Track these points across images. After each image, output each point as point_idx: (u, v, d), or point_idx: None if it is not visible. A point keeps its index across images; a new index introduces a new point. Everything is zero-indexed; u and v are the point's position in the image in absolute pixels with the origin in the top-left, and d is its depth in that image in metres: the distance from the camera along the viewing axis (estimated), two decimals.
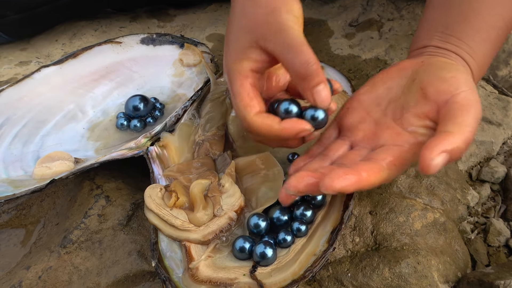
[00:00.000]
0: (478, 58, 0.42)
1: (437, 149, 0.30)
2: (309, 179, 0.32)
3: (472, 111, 0.33)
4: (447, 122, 0.33)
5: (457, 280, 0.44)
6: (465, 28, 0.42)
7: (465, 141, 0.32)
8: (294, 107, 0.38)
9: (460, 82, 0.35)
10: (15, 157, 0.52)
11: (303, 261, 0.35)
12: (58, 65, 0.59)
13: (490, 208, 0.54)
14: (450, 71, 0.37)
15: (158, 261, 0.37)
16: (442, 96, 0.35)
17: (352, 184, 0.30)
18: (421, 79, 0.38)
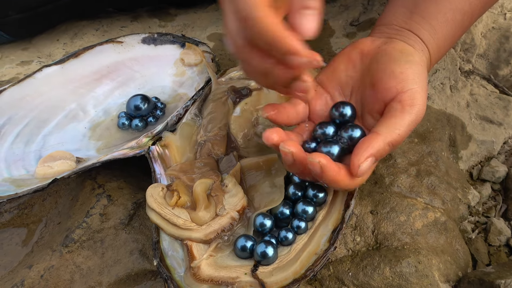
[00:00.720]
0: (439, 39, 0.42)
1: (364, 156, 0.33)
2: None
3: (412, 112, 0.35)
4: (381, 122, 0.35)
5: (458, 279, 0.44)
6: (430, 7, 0.42)
7: (390, 143, 0.34)
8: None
9: (409, 79, 0.36)
10: (17, 157, 0.52)
11: (304, 260, 0.36)
12: (59, 65, 0.59)
13: (491, 207, 0.54)
14: (401, 64, 0.37)
15: (160, 260, 0.38)
16: (388, 94, 0.36)
17: (332, 171, 0.33)
18: (374, 71, 0.38)
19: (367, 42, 0.41)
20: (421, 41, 0.41)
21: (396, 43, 0.40)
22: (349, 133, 0.37)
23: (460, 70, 0.64)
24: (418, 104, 0.35)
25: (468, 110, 0.60)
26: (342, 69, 0.41)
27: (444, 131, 0.56)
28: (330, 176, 0.33)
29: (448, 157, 0.55)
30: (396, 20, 0.43)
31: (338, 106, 0.40)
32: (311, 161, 0.32)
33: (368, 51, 0.40)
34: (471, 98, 0.61)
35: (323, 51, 0.70)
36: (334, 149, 0.37)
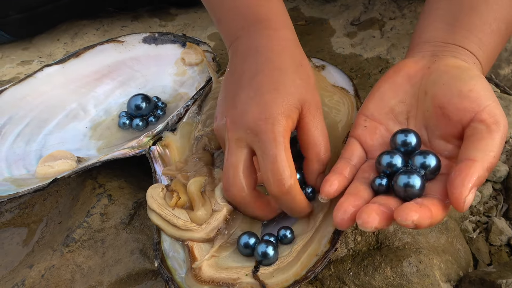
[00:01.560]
0: (487, 51, 0.40)
1: (467, 187, 0.30)
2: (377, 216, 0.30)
3: (500, 129, 0.32)
4: (471, 147, 0.32)
5: (459, 279, 0.44)
6: (474, 19, 0.39)
7: (488, 168, 0.31)
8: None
9: (481, 96, 0.34)
10: (18, 156, 0.52)
11: (305, 261, 0.36)
12: (60, 64, 0.59)
13: (492, 207, 0.54)
14: (466, 81, 0.34)
15: (161, 261, 0.38)
16: (465, 115, 0.33)
17: (427, 218, 0.29)
18: (435, 94, 0.36)
19: (410, 64, 0.39)
20: (471, 54, 0.39)
21: (447, 59, 0.38)
22: (423, 161, 0.33)
23: None
24: (501, 120, 0.33)
25: None
26: (390, 96, 0.39)
27: None
28: (425, 225, 0.30)
29: None
30: (437, 36, 0.40)
31: (400, 133, 0.36)
32: (404, 224, 0.29)
33: (415, 73, 0.38)
34: None
35: (324, 50, 0.70)
36: (414, 181, 0.32)
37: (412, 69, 0.39)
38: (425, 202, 0.31)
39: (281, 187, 0.35)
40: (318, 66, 0.56)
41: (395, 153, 0.35)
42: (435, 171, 0.34)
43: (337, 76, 0.54)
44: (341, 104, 0.51)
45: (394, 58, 0.67)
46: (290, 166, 0.36)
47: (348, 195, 0.34)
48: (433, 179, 0.34)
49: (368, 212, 0.30)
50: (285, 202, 0.37)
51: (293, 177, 0.36)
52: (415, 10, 0.73)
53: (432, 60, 0.38)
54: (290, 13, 0.47)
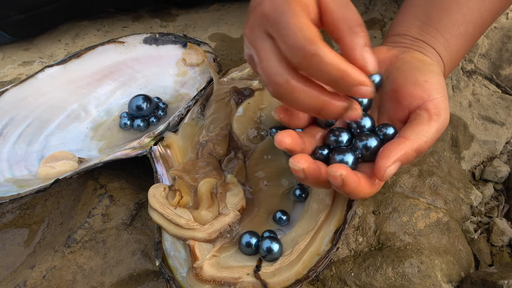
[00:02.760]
0: (452, 52, 0.43)
1: (391, 159, 0.32)
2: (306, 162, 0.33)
3: (439, 121, 0.35)
4: (408, 128, 0.35)
5: (461, 279, 0.44)
6: (444, 20, 0.42)
7: (416, 149, 0.33)
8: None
9: (433, 88, 0.36)
10: (20, 157, 0.52)
11: (306, 261, 0.36)
12: (61, 65, 0.59)
13: (493, 207, 0.54)
14: (424, 73, 0.37)
15: (162, 261, 0.38)
16: (414, 101, 0.36)
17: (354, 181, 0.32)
18: (394, 79, 0.38)
19: (382, 50, 0.41)
20: (436, 53, 0.42)
21: (415, 53, 0.40)
22: (365, 142, 0.36)
23: (462, 70, 0.64)
24: (443, 114, 0.35)
25: (470, 110, 0.60)
26: None
27: (446, 131, 0.56)
28: (351, 187, 0.31)
29: (450, 157, 0.55)
30: (410, 31, 0.43)
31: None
32: (333, 175, 0.31)
33: (384, 59, 0.40)
34: (473, 98, 0.61)
35: None
36: (348, 158, 0.35)
37: (383, 55, 0.41)
38: (357, 173, 0.33)
39: (304, 49, 0.29)
40: None
41: (343, 131, 0.38)
42: (375, 153, 0.35)
43: None
44: None
45: None
46: (309, 26, 0.30)
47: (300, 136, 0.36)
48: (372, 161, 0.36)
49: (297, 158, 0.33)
50: (316, 66, 0.30)
51: (317, 36, 0.29)
52: None
53: (402, 51, 0.41)
54: None
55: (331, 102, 0.32)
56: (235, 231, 0.40)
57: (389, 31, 0.45)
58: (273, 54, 0.32)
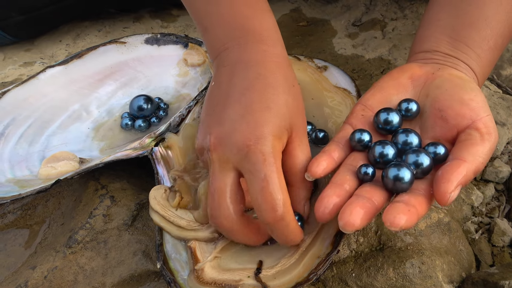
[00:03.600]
0: (484, 67, 0.42)
1: (453, 183, 0.31)
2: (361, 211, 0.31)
3: (491, 140, 0.34)
4: (463, 149, 0.33)
5: (462, 280, 0.44)
6: (474, 35, 0.41)
7: (474, 171, 0.32)
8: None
9: (480, 107, 0.35)
10: (21, 157, 0.52)
11: (307, 263, 0.36)
12: (63, 66, 0.59)
13: (495, 208, 0.54)
14: (467, 91, 0.36)
15: (163, 263, 0.38)
16: (463, 121, 0.35)
17: (413, 221, 0.30)
18: (437, 97, 0.37)
19: (415, 67, 0.40)
20: (470, 69, 0.41)
21: (451, 70, 0.39)
22: (416, 159, 0.33)
23: None
24: (494, 133, 0.34)
25: None
26: (392, 92, 0.39)
27: None
28: (412, 226, 0.30)
29: None
30: (439, 47, 0.42)
31: (382, 112, 0.37)
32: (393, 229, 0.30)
33: (419, 76, 0.39)
34: None
35: (325, 51, 0.70)
36: (404, 174, 0.32)
37: (416, 72, 0.40)
38: (411, 200, 0.31)
39: (273, 213, 0.33)
40: (320, 67, 0.56)
41: (388, 144, 0.35)
42: (427, 172, 0.34)
43: (339, 77, 0.55)
44: (343, 105, 0.51)
45: (395, 58, 0.67)
46: (282, 189, 0.33)
47: (332, 185, 0.34)
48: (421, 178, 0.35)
49: (350, 211, 0.31)
50: (278, 229, 0.34)
51: (287, 202, 0.33)
52: (416, 11, 0.73)
53: (437, 68, 0.40)
54: (292, 14, 0.47)
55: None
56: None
57: (415, 47, 0.44)
58: (229, 192, 0.35)
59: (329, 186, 0.34)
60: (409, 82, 0.39)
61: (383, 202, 0.33)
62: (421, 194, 0.32)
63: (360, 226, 0.30)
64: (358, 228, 0.30)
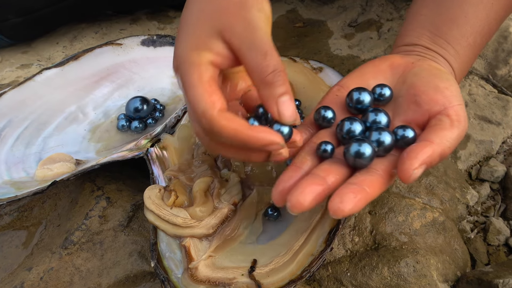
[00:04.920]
0: (462, 63, 0.43)
1: (418, 160, 0.31)
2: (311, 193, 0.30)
3: (460, 127, 0.35)
4: (431, 132, 0.34)
5: (457, 279, 0.44)
6: (454, 32, 0.42)
7: (441, 154, 0.33)
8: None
9: (454, 95, 0.36)
10: (17, 159, 0.53)
11: (300, 261, 0.36)
12: (59, 67, 0.59)
13: (490, 207, 0.54)
14: (443, 80, 0.37)
15: (157, 262, 0.38)
16: (435, 106, 0.36)
17: (361, 204, 0.30)
18: (413, 84, 0.38)
19: (396, 57, 0.42)
20: (448, 64, 0.42)
21: (430, 62, 0.41)
22: (378, 136, 0.34)
23: None
24: (463, 121, 0.35)
25: (467, 110, 0.60)
26: (370, 77, 0.40)
27: None
28: (360, 209, 0.30)
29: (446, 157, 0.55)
30: (420, 41, 0.43)
31: (355, 91, 0.37)
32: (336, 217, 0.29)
33: (399, 64, 0.40)
34: (470, 98, 0.61)
35: (321, 52, 0.70)
36: (364, 149, 0.32)
37: (397, 61, 0.41)
38: (363, 181, 0.31)
39: (203, 124, 0.32)
40: (315, 68, 0.56)
41: (356, 120, 0.36)
42: (389, 149, 0.34)
43: (335, 78, 0.55)
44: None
45: None
46: (203, 97, 0.31)
47: (291, 167, 0.34)
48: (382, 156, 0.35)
49: (298, 193, 0.30)
50: (217, 139, 0.32)
51: (211, 107, 0.31)
52: None
53: (417, 58, 0.41)
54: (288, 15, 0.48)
55: (251, 155, 0.34)
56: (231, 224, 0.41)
57: (398, 41, 0.45)
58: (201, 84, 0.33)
59: (288, 169, 0.34)
60: (388, 69, 0.41)
61: (338, 181, 0.32)
62: (378, 174, 0.32)
63: (309, 207, 0.30)
64: (307, 209, 0.30)
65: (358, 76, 0.41)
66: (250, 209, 0.43)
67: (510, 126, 0.59)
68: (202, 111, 0.31)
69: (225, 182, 0.44)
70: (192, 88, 0.32)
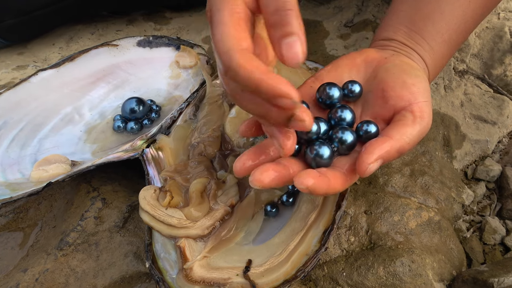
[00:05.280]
0: (436, 59, 0.43)
1: (374, 155, 0.32)
2: (273, 173, 0.31)
3: (422, 124, 0.35)
4: (393, 128, 0.35)
5: (452, 278, 0.44)
6: (429, 28, 0.43)
7: (399, 149, 0.34)
8: None
9: (420, 92, 0.37)
10: (13, 160, 0.52)
11: (295, 261, 0.36)
12: (55, 69, 0.59)
13: (486, 206, 0.54)
14: (411, 76, 0.38)
15: (152, 262, 0.38)
16: (400, 102, 0.37)
17: (323, 186, 0.31)
18: (383, 79, 0.39)
19: (372, 51, 0.42)
20: (422, 59, 0.43)
21: (403, 57, 0.41)
22: (341, 136, 0.35)
23: (454, 70, 0.64)
24: (427, 118, 0.36)
25: (462, 109, 0.60)
26: (345, 70, 0.41)
27: (438, 131, 0.56)
28: (321, 191, 0.31)
29: (442, 157, 0.55)
30: (396, 36, 0.44)
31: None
32: (300, 187, 0.31)
33: (373, 59, 0.41)
34: (465, 98, 0.61)
35: (317, 53, 0.70)
36: (323, 151, 0.34)
37: (372, 56, 0.41)
38: (328, 172, 0.33)
39: (223, 63, 0.29)
40: (311, 68, 0.56)
41: (321, 121, 0.37)
42: (351, 148, 0.36)
43: None
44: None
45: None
46: (228, 36, 0.29)
47: (258, 147, 0.35)
48: (346, 155, 0.36)
49: (261, 171, 0.31)
50: (234, 79, 0.29)
51: (233, 47, 0.29)
52: None
53: (391, 53, 0.42)
54: None
55: (269, 111, 0.30)
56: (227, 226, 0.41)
57: (377, 35, 0.46)
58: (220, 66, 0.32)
59: (255, 147, 0.35)
60: (363, 64, 0.41)
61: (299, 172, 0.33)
62: (340, 171, 0.34)
63: (269, 185, 0.31)
64: (266, 187, 0.31)
65: (333, 69, 0.42)
66: (247, 210, 0.43)
67: (506, 126, 0.59)
68: (228, 48, 0.29)
69: (222, 183, 0.44)
70: (221, 25, 0.30)
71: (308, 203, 0.40)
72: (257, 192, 0.44)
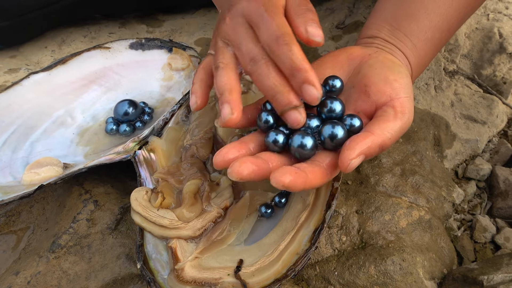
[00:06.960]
0: (419, 57, 0.44)
1: (356, 151, 0.33)
2: (252, 166, 0.32)
3: (404, 119, 0.36)
4: (375, 123, 0.35)
5: (443, 276, 0.45)
6: (412, 26, 0.43)
7: (380, 144, 0.34)
8: None
9: (401, 88, 0.37)
10: (4, 163, 0.52)
11: (286, 260, 0.36)
12: (47, 71, 0.59)
13: (476, 205, 0.55)
14: (394, 72, 0.39)
15: (144, 263, 0.38)
16: (382, 97, 0.37)
17: (300, 182, 0.32)
18: (365, 74, 0.39)
19: (355, 49, 0.43)
20: (405, 57, 0.43)
21: (387, 54, 0.42)
22: (331, 131, 0.35)
23: (444, 70, 0.65)
24: (408, 113, 0.36)
25: (453, 109, 0.61)
26: (328, 66, 0.42)
27: (428, 131, 0.57)
28: (298, 188, 0.32)
29: (432, 156, 0.56)
30: (380, 34, 0.44)
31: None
32: (275, 185, 0.31)
33: (357, 56, 0.42)
34: (456, 98, 0.62)
35: (309, 54, 0.70)
36: (306, 141, 0.34)
37: (355, 53, 0.42)
38: (306, 167, 0.33)
39: (280, 38, 0.34)
40: None
41: (313, 117, 0.37)
42: (341, 143, 0.35)
43: None
44: None
45: None
46: (285, 24, 0.35)
47: (239, 141, 0.36)
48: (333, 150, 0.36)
49: (240, 163, 0.32)
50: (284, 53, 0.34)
51: (291, 33, 0.35)
52: None
53: (375, 50, 0.42)
54: None
55: (286, 91, 0.35)
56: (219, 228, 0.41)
57: (362, 33, 0.47)
58: (251, 38, 0.37)
59: (236, 141, 0.36)
60: (346, 61, 0.42)
61: (279, 167, 0.34)
62: (319, 165, 0.34)
63: (247, 178, 0.32)
64: (244, 180, 0.32)
65: (317, 66, 0.42)
66: (241, 212, 0.43)
67: (495, 125, 0.60)
68: (285, 32, 0.34)
69: (215, 185, 0.44)
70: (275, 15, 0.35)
71: (299, 203, 0.40)
72: (252, 194, 0.44)
